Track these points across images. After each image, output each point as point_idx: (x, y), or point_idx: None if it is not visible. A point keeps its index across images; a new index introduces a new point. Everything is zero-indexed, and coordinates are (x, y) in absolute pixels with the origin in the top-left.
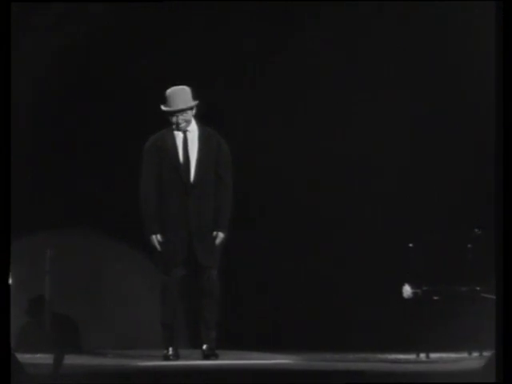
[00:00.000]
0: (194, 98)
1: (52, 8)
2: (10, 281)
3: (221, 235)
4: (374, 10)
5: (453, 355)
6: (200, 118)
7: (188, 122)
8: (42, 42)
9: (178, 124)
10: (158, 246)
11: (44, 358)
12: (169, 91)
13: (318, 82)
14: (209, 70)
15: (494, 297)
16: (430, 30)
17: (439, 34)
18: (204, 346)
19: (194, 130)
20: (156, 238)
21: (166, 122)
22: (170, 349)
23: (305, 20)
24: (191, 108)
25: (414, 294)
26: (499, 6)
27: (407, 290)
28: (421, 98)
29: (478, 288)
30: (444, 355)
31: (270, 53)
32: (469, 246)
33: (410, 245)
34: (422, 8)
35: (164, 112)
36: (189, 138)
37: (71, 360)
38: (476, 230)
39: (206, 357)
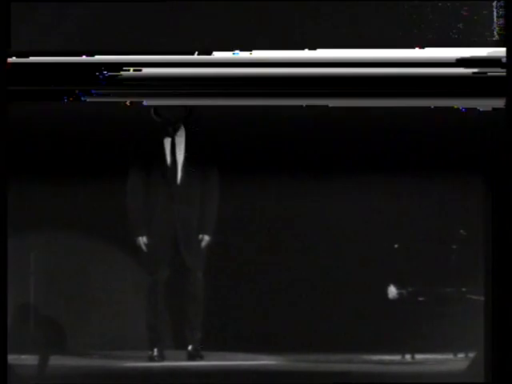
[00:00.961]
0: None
1: (52, 7)
2: None
3: (206, 238)
4: (374, 10)
5: (438, 356)
6: (188, 119)
7: (177, 129)
8: (42, 42)
9: (167, 131)
10: (144, 248)
11: (29, 359)
12: None
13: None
14: None
15: (479, 298)
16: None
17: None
18: (189, 347)
19: (181, 133)
20: (142, 240)
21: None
22: (155, 349)
23: (305, 20)
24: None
25: (399, 294)
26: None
27: (392, 291)
28: (419, 98)
29: (464, 289)
30: (429, 356)
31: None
32: (454, 246)
33: (395, 245)
34: (422, 8)
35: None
36: (176, 140)
37: (56, 361)
38: (461, 231)
39: (191, 357)
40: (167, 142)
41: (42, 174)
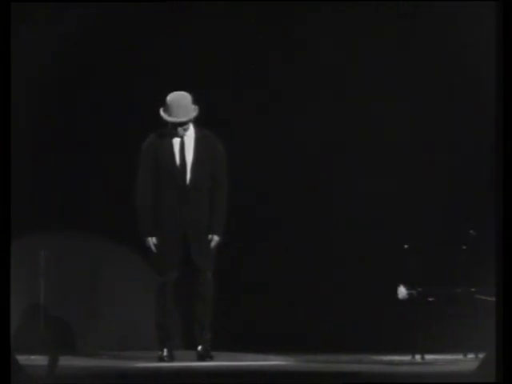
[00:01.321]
0: (194, 102)
1: (52, 7)
2: None
3: (216, 238)
4: (374, 10)
5: (448, 357)
6: (197, 120)
7: (187, 129)
8: (42, 42)
9: (177, 132)
10: (153, 248)
11: (39, 360)
12: (170, 99)
13: (318, 82)
14: (207, 71)
15: (488, 298)
16: (429, 30)
17: (439, 33)
18: (199, 348)
19: (190, 132)
20: (152, 241)
21: (164, 122)
22: (165, 350)
23: (305, 20)
24: (191, 120)
25: (409, 295)
26: (499, 6)
27: (402, 291)
28: (420, 97)
29: (473, 289)
30: (439, 357)
31: (269, 53)
32: (463, 247)
33: (406, 246)
34: (422, 8)
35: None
36: (185, 141)
37: (66, 361)
38: (471, 232)
39: (200, 358)
40: (176, 140)
41: None
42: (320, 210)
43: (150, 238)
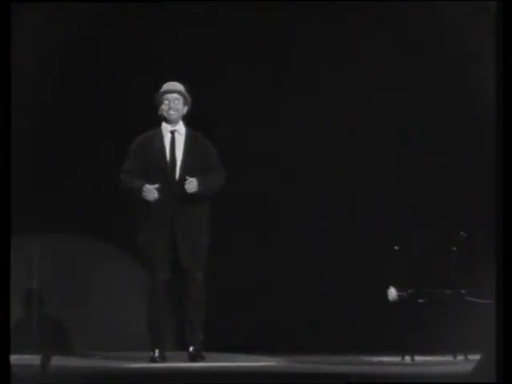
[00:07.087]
0: (188, 92)
1: (52, 7)
2: None
3: (194, 183)
4: (374, 10)
5: (438, 358)
6: (188, 122)
7: (178, 112)
8: (42, 42)
9: (168, 111)
10: (155, 193)
11: (31, 359)
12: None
13: (318, 81)
14: (207, 71)
15: (478, 300)
16: (429, 31)
17: (439, 33)
18: (190, 348)
19: (181, 131)
20: (147, 187)
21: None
22: (157, 351)
23: (305, 20)
24: (183, 95)
25: (400, 296)
26: (499, 6)
27: (392, 293)
28: (419, 98)
29: (463, 291)
30: (429, 358)
31: (260, 53)
32: (454, 248)
33: (396, 247)
34: (422, 8)
35: (156, 101)
36: (176, 139)
37: (58, 361)
38: (461, 233)
39: (192, 359)
40: (167, 138)
41: None
42: (312, 211)
43: (145, 187)
